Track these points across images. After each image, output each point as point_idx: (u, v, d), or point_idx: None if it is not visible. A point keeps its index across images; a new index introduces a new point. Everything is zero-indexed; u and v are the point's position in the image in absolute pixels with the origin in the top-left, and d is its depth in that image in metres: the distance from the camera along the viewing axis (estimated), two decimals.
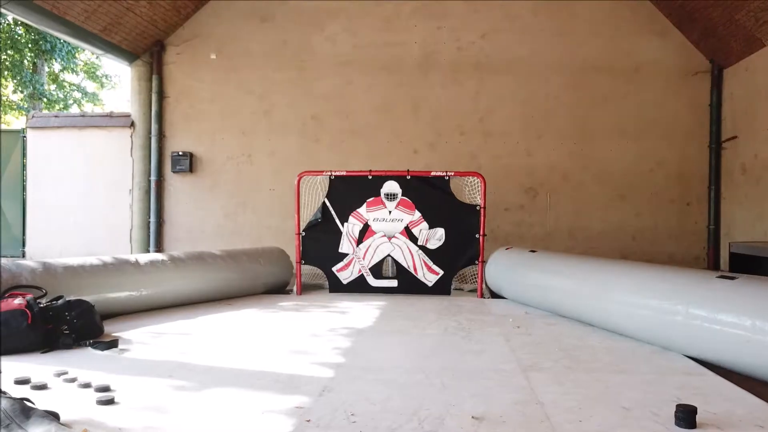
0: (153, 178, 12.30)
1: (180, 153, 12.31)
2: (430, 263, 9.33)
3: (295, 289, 9.33)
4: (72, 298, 5.99)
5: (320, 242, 9.38)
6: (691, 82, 12.14)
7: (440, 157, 11.82)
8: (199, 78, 12.53)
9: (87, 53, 23.46)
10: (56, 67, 22.68)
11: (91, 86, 26.09)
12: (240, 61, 12.50)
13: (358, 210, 9.35)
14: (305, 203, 9.40)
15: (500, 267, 9.16)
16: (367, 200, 9.33)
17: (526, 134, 12.28)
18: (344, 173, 9.40)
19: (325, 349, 5.71)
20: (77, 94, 24.57)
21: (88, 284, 6.70)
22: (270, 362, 5.17)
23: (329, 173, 9.37)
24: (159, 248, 12.32)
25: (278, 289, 9.63)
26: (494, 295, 9.28)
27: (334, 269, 9.39)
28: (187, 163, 12.26)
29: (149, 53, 12.34)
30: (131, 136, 12.41)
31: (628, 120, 12.17)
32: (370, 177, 9.36)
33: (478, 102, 12.33)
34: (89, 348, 5.54)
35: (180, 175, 12.49)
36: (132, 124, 12.40)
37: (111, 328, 6.44)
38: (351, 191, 9.36)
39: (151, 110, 12.29)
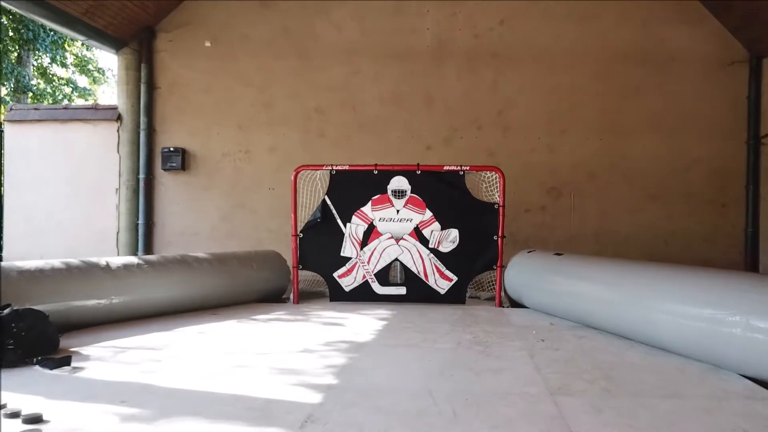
0: (142, 176, 11.74)
1: (171, 149, 11.76)
2: (443, 268, 8.79)
3: (291, 297, 8.75)
4: (22, 307, 5.25)
5: (320, 245, 8.84)
6: (728, 72, 11.55)
7: (455, 154, 11.21)
8: (193, 67, 11.99)
9: (77, 45, 22.97)
10: (45, 60, 22.08)
11: (83, 81, 25.55)
12: (237, 48, 11.97)
13: (362, 209, 8.84)
14: (303, 203, 8.93)
15: (521, 272, 8.57)
16: (373, 198, 8.83)
17: (548, 129, 11.71)
18: (347, 167, 8.86)
19: (317, 367, 5.00)
20: (68, 89, 23.93)
21: (48, 291, 6.11)
22: (247, 384, 4.46)
23: (330, 167, 8.83)
24: (148, 252, 11.74)
25: (274, 297, 9.08)
26: (514, 304, 8.72)
27: (335, 275, 8.84)
28: (179, 159, 11.70)
29: (138, 40, 11.76)
30: (118, 131, 11.87)
31: (660, 114, 11.59)
32: (375, 172, 8.83)
33: (497, 94, 11.75)
34: (36, 366, 4.83)
35: (171, 173, 11.94)
36: (119, 118, 11.85)
37: (70, 342, 5.77)
38: (354, 188, 8.83)
39: (139, 102, 11.73)
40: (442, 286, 8.79)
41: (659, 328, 5.69)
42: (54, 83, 22.86)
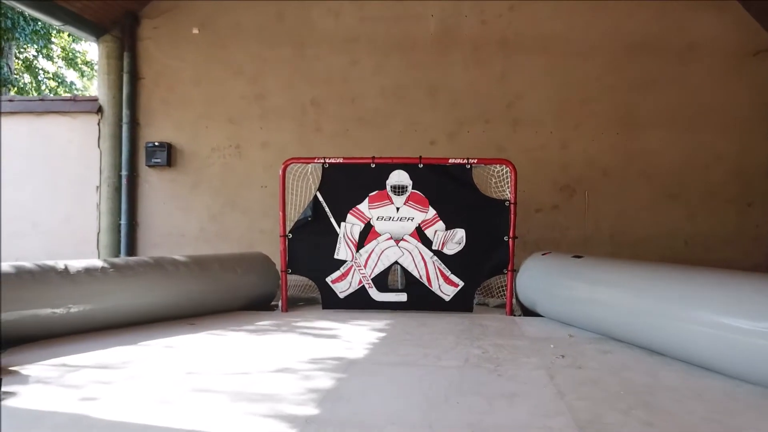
0: (124, 172, 11.00)
1: (156, 144, 11.01)
2: (448, 272, 8.12)
3: (280, 304, 8.04)
4: None
5: (311, 246, 8.20)
6: (753, 63, 10.84)
7: (461, 149, 10.37)
8: (180, 56, 11.28)
9: (65, 37, 22.08)
10: (29, 52, 21.26)
11: (72, 76, 24.71)
12: (228, 37, 11.26)
13: (358, 206, 8.18)
14: (294, 201, 8.37)
15: (535, 277, 7.84)
16: (370, 194, 8.18)
17: (560, 123, 11.01)
18: (341, 161, 8.21)
19: (295, 392, 4.20)
20: (54, 84, 23.06)
21: None
22: (204, 415, 3.64)
23: (322, 160, 8.16)
24: (131, 255, 10.98)
25: (262, 304, 8.35)
26: (526, 312, 8.00)
27: (328, 280, 8.16)
28: (165, 155, 10.96)
29: (120, 27, 11.00)
30: (98, 124, 11.12)
31: (680, 107, 10.88)
32: (373, 165, 8.18)
33: (506, 85, 11.06)
34: None
35: (156, 169, 11.23)
36: (99, 110, 11.10)
37: (12, 360, 5.02)
38: (350, 183, 8.19)
39: (122, 93, 10.98)
40: (447, 292, 8.12)
41: (699, 343, 4.90)
42: (40, 77, 22.01)
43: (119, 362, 5.02)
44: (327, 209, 8.16)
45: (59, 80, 23.19)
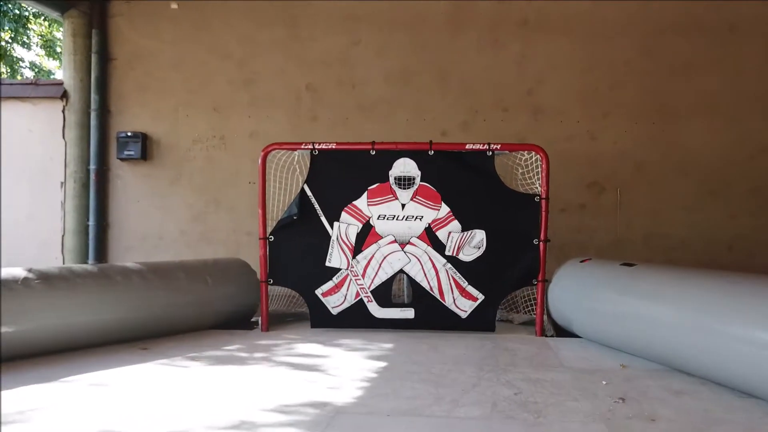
0: (93, 166, 9.92)
1: (129, 134, 9.97)
2: (464, 284, 7.09)
3: (260, 321, 7.00)
4: None
5: (297, 251, 7.20)
6: None
7: (476, 140, 9.18)
8: (157, 35, 10.31)
9: (44, 23, 20.84)
10: (3, 39, 19.98)
11: (53, 66, 23.31)
12: (212, 14, 10.32)
13: (355, 203, 7.19)
14: (277, 196, 7.51)
15: (571, 289, 6.69)
16: (369, 188, 7.22)
17: (588, 112, 10.15)
18: (333, 146, 7.26)
19: None
20: (31, 73, 21.75)
21: None
22: None
23: (311, 146, 7.21)
24: (101, 261, 9.98)
25: (240, 320, 7.25)
26: (559, 331, 6.89)
27: (317, 292, 7.12)
28: (139, 147, 9.92)
29: (88, 0, 9.97)
30: (63, 111, 10.07)
31: (721, 94, 10.04)
32: (373, 152, 7.18)
33: (525, 70, 10.21)
34: None
35: (130, 163, 10.24)
36: (64, 95, 10.01)
37: None
38: (345, 174, 7.25)
39: (90, 77, 9.90)
40: (464, 307, 7.08)
41: None
42: (15, 66, 20.82)
43: (13, 411, 3.64)
44: (317, 206, 7.17)
45: (36, 70, 21.98)
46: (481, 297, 7.05)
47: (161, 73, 10.39)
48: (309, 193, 7.13)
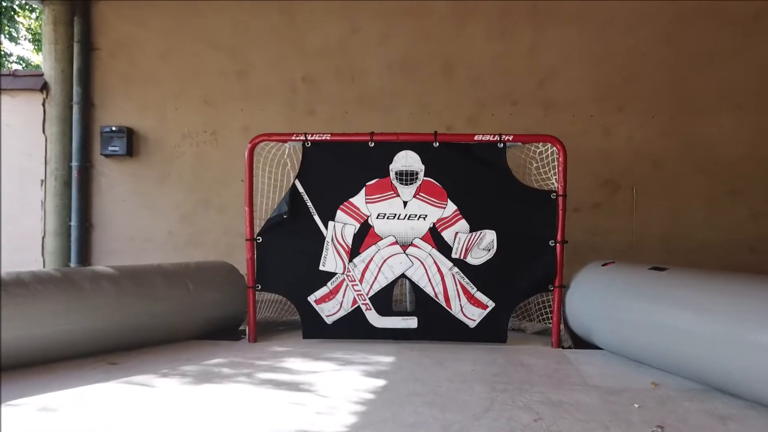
0: (75, 163, 9.47)
1: (114, 128, 9.52)
2: (473, 290, 6.62)
3: (248, 331, 6.55)
4: None
5: (288, 253, 6.73)
6: None
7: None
8: (143, 23, 9.90)
9: (32, 17, 20.42)
10: None
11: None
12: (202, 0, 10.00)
13: (351, 200, 6.72)
14: (267, 193, 6.95)
15: (592, 296, 6.21)
16: (368, 183, 6.76)
17: (602, 105, 9.85)
18: (328, 138, 6.80)
19: None
20: (19, 68, 21.29)
21: None
22: None
23: (302, 137, 6.76)
24: (85, 263, 9.52)
25: (226, 330, 6.75)
26: (577, 342, 6.40)
27: (310, 299, 6.61)
28: (124, 143, 9.48)
29: None
30: (44, 104, 9.63)
31: (744, 86, 9.75)
32: (371, 144, 6.69)
33: (536, 61, 9.89)
34: None
35: (115, 160, 9.79)
36: (45, 87, 9.56)
37: None
38: (340, 168, 6.80)
39: (72, 68, 9.46)
40: (472, 315, 6.58)
41: None
42: (3, 61, 20.45)
43: None
44: (309, 204, 6.67)
45: (24, 64, 21.62)
46: (491, 304, 6.57)
47: (148, 64, 10.01)
48: (301, 189, 6.65)
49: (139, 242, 9.81)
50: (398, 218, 6.70)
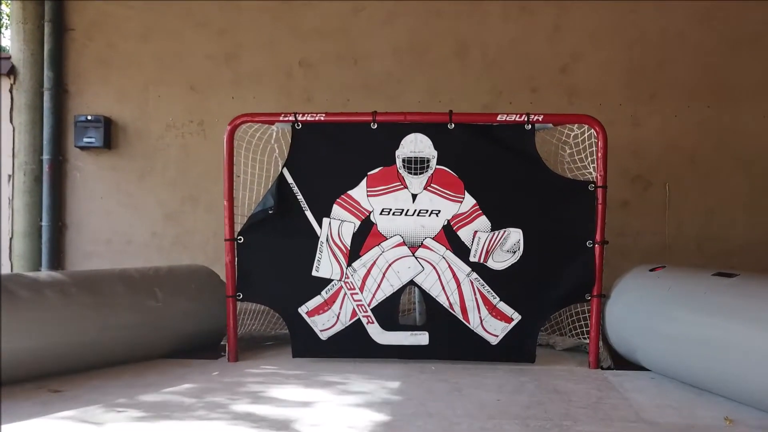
0: (46, 156, 8.96)
1: (90, 118, 8.98)
2: (495, 299, 5.96)
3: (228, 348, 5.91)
4: None
5: (274, 256, 6.06)
6: None
7: None
8: (123, 2, 9.44)
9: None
10: None
11: None
12: None
13: (350, 192, 6.05)
14: (250, 184, 6.50)
15: (638, 307, 5.61)
16: (370, 173, 6.07)
17: (631, 93, 9.36)
18: (322, 118, 6.08)
19: None
20: None
21: None
22: None
23: (292, 118, 6.02)
24: (57, 267, 9.06)
25: (205, 346, 6.14)
26: (618, 361, 5.76)
27: (301, 311, 5.93)
28: (102, 133, 8.93)
29: None
30: (11, 90, 9.13)
31: None
32: (374, 126, 5.96)
33: (559, 43, 9.40)
34: None
35: (90, 152, 9.27)
36: (12, 71, 9.07)
37: None
38: (337, 155, 6.16)
39: (43, 50, 8.97)
40: (494, 330, 5.91)
41: None
42: None
43: None
44: (300, 197, 5.98)
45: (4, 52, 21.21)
46: (516, 317, 5.88)
47: (127, 46, 9.47)
48: (290, 179, 5.95)
49: (119, 244, 9.31)
50: (406, 214, 6.05)
